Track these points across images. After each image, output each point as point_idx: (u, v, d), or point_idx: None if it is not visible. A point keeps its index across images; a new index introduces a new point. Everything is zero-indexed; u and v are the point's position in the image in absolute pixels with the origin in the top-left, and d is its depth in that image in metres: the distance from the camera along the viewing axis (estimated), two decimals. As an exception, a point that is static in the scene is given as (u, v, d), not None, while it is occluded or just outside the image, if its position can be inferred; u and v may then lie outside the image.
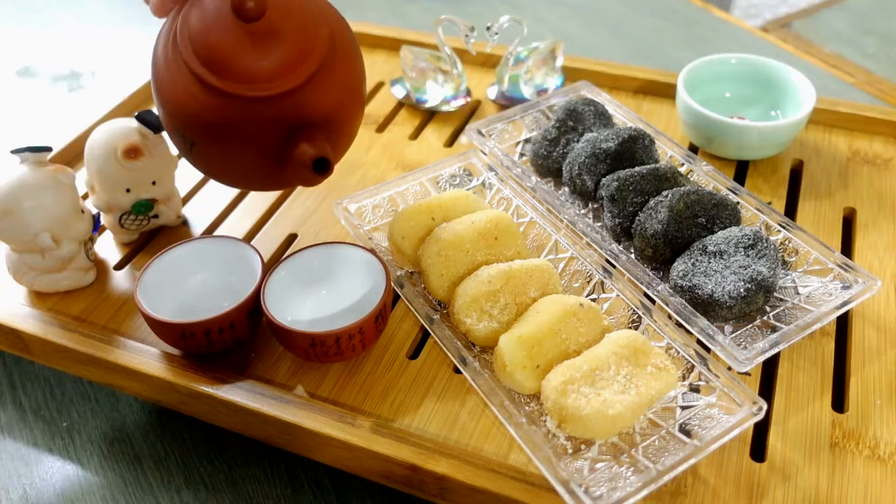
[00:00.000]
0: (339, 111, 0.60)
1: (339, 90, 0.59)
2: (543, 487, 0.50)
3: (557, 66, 0.88)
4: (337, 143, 0.61)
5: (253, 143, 0.57)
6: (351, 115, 0.62)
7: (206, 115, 0.56)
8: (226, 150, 0.58)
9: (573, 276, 0.63)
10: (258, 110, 0.55)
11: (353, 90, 0.61)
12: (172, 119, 0.58)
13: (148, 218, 0.70)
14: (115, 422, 0.64)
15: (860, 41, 1.26)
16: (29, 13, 1.26)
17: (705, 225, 0.63)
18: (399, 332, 0.62)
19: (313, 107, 0.57)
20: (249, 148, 0.57)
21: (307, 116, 0.57)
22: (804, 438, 0.54)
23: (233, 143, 0.57)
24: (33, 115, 1.02)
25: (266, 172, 0.59)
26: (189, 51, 0.55)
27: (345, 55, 0.60)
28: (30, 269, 0.64)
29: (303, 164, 0.54)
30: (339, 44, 0.59)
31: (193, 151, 0.59)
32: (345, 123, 0.61)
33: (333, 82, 0.58)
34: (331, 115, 0.59)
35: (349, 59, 0.61)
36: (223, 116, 0.56)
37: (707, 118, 0.74)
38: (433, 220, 0.64)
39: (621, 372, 0.52)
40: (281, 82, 0.55)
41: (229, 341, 0.58)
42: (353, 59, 0.62)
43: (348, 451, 0.54)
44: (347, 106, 0.61)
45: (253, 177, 0.61)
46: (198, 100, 0.56)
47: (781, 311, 0.59)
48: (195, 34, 0.55)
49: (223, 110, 0.55)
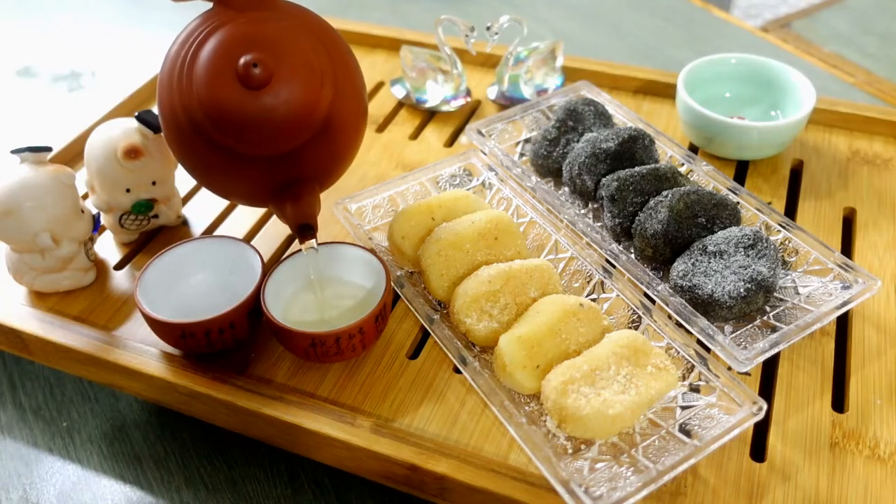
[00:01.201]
0: (334, 166, 0.61)
1: (336, 149, 0.59)
2: (543, 487, 0.50)
3: (557, 66, 0.88)
4: (328, 183, 0.63)
5: (245, 189, 0.59)
6: (347, 161, 0.63)
7: (201, 156, 0.58)
8: (220, 186, 0.61)
9: (573, 276, 0.63)
10: (251, 165, 0.57)
11: (352, 139, 0.61)
12: (168, 139, 0.59)
13: (148, 218, 0.70)
14: (115, 422, 0.64)
15: (860, 41, 1.26)
16: (29, 13, 1.26)
17: (705, 225, 0.63)
18: (399, 332, 0.62)
19: (307, 166, 0.58)
20: (246, 191, 0.60)
21: (300, 174, 0.58)
22: (804, 438, 0.54)
23: (225, 183, 0.60)
24: (33, 115, 1.02)
25: (261, 202, 0.61)
26: (192, 95, 0.55)
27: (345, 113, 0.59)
28: (30, 269, 0.64)
29: (290, 224, 0.56)
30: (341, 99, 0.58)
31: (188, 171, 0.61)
32: (339, 169, 0.62)
33: (330, 143, 0.58)
34: (325, 171, 0.60)
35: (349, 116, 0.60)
36: (216, 163, 0.57)
37: (707, 118, 0.74)
38: (433, 220, 0.64)
39: (621, 372, 0.52)
40: (277, 145, 0.56)
41: (229, 341, 0.58)
42: (355, 109, 0.61)
43: (348, 451, 0.54)
44: (343, 160, 0.62)
45: (255, 203, 0.63)
46: (192, 141, 0.57)
47: (781, 311, 0.59)
48: (200, 86, 0.55)
49: (217, 158, 0.57)
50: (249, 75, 0.53)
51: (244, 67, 0.53)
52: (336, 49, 0.59)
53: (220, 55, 0.54)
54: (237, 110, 0.54)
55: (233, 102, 0.54)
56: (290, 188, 0.57)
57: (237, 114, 0.54)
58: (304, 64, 0.55)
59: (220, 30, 0.55)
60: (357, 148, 0.63)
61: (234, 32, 0.55)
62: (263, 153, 0.56)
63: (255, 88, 0.53)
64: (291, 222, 0.56)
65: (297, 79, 0.55)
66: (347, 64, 0.60)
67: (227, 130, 0.55)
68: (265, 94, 0.54)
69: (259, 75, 0.53)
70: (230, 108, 0.54)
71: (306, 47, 0.56)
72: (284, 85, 0.54)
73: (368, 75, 0.93)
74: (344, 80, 0.59)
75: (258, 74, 0.53)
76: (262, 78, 0.53)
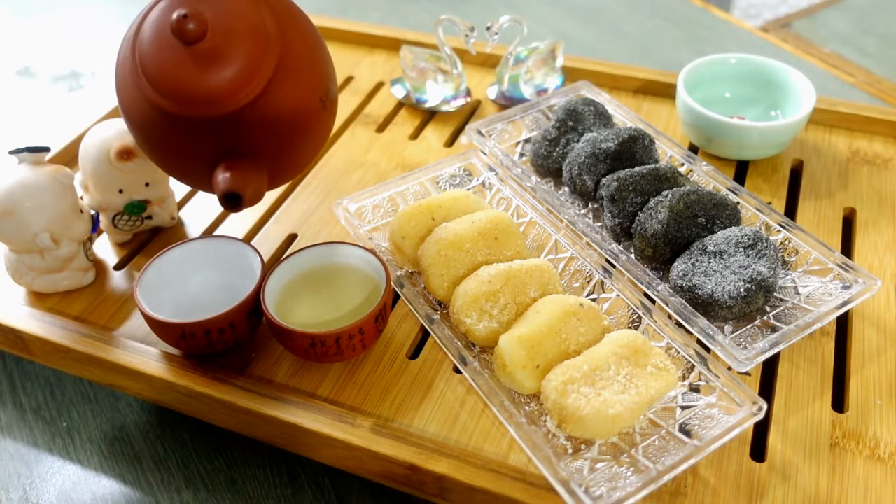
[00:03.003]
0: (279, 140, 0.58)
1: (281, 126, 0.57)
2: (543, 487, 0.50)
3: (557, 66, 0.88)
4: (277, 170, 0.60)
5: (189, 158, 0.58)
6: (297, 143, 0.60)
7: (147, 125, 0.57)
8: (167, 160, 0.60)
9: (573, 276, 0.63)
10: (193, 129, 0.56)
11: (301, 118, 0.59)
12: (125, 118, 0.60)
13: (141, 219, 0.70)
14: (115, 422, 0.64)
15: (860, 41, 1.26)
16: (29, 13, 1.26)
17: (705, 225, 0.63)
18: (399, 332, 0.62)
19: (246, 137, 0.56)
20: (186, 161, 0.58)
21: (240, 143, 0.56)
22: (804, 438, 0.54)
23: (171, 155, 0.59)
24: (33, 115, 1.02)
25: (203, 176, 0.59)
26: (136, 59, 0.56)
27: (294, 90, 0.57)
28: (29, 270, 0.64)
29: (217, 192, 0.55)
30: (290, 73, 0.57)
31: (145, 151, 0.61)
32: (287, 153, 0.59)
33: (273, 117, 0.56)
34: (270, 150, 0.58)
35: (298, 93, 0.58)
36: (160, 129, 0.57)
37: (707, 118, 0.74)
38: (433, 220, 0.64)
39: (621, 372, 0.52)
40: (217, 106, 0.54)
41: (229, 341, 0.58)
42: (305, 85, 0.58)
43: (348, 451, 0.54)
44: (291, 135, 0.59)
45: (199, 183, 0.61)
46: (140, 108, 0.57)
47: (781, 311, 0.59)
48: (143, 45, 0.55)
49: (160, 124, 0.56)
50: (182, 29, 0.52)
51: (177, 20, 0.52)
52: (294, 26, 0.58)
53: (162, 12, 0.55)
54: (170, 66, 0.54)
55: (166, 58, 0.54)
56: (228, 158, 0.56)
57: (171, 70, 0.54)
58: (245, 26, 0.55)
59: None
60: (315, 136, 0.61)
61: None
62: (198, 113, 0.55)
63: (189, 43, 0.53)
64: (219, 189, 0.55)
65: (236, 38, 0.54)
66: (306, 42, 0.59)
67: (162, 88, 0.55)
68: (199, 48, 0.53)
69: (193, 30, 0.52)
70: (164, 63, 0.54)
71: (250, 11, 0.55)
72: (220, 41, 0.54)
73: (368, 75, 0.93)
74: (297, 55, 0.57)
75: (192, 29, 0.52)
76: (195, 32, 0.53)
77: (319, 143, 0.63)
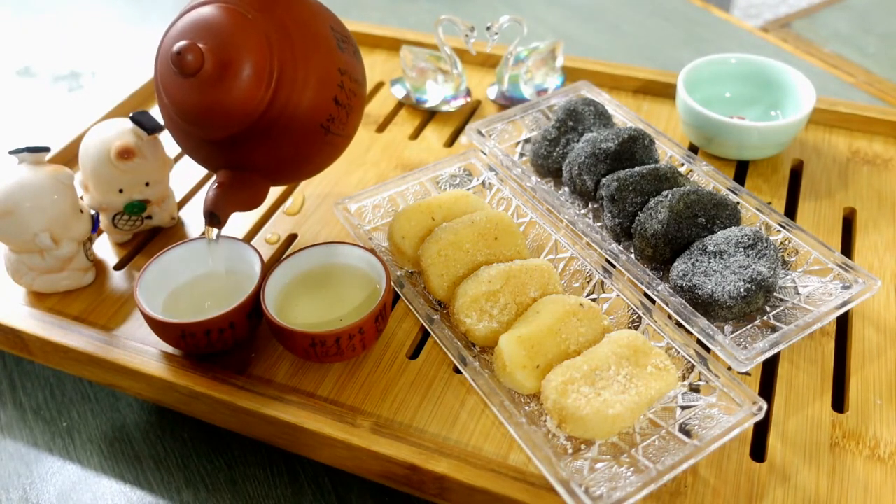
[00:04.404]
0: (284, 165, 0.61)
1: (282, 148, 0.59)
2: (543, 487, 0.50)
3: (557, 66, 0.88)
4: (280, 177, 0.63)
5: (204, 160, 0.62)
6: (305, 163, 0.62)
7: (172, 129, 0.62)
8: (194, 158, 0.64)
9: (573, 276, 0.63)
10: (201, 145, 0.60)
11: (301, 146, 0.60)
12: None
13: (141, 219, 0.70)
14: (115, 422, 0.64)
15: (860, 41, 1.26)
16: (29, 13, 1.26)
17: (705, 225, 0.63)
18: (399, 332, 0.62)
19: (247, 157, 0.59)
20: (204, 161, 0.63)
21: (240, 163, 0.59)
22: (804, 438, 0.54)
23: (195, 156, 0.63)
24: (33, 115, 1.02)
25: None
26: (158, 77, 0.59)
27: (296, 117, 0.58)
28: (29, 270, 0.64)
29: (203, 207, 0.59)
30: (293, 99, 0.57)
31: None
32: (288, 173, 0.62)
33: (274, 140, 0.58)
34: (272, 167, 0.60)
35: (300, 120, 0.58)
36: (180, 136, 0.62)
37: (707, 118, 0.74)
38: (433, 220, 0.64)
39: (621, 372, 0.52)
40: (210, 131, 0.58)
41: (229, 341, 0.58)
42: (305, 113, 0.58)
43: (348, 451, 0.54)
44: (295, 160, 0.61)
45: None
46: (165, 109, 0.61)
47: (781, 311, 0.59)
48: (158, 61, 0.59)
49: (179, 132, 0.61)
50: (181, 63, 0.54)
51: (175, 54, 0.54)
52: (303, 55, 0.58)
53: (169, 39, 0.58)
54: (173, 93, 0.57)
55: (170, 85, 0.57)
56: (230, 166, 0.59)
57: (173, 96, 0.57)
58: (244, 59, 0.56)
59: (185, 14, 0.58)
60: (316, 159, 0.62)
61: (187, 19, 0.57)
62: (202, 137, 0.58)
63: (187, 76, 0.55)
64: (204, 205, 0.58)
65: (232, 72, 0.55)
66: (309, 65, 0.58)
67: (172, 109, 0.58)
68: (197, 81, 0.55)
69: (190, 63, 0.54)
70: (169, 89, 0.57)
71: (252, 43, 0.56)
72: (216, 74, 0.55)
73: (368, 75, 0.93)
74: (301, 84, 0.58)
75: (189, 62, 0.54)
76: (192, 65, 0.54)
77: (322, 165, 0.65)
